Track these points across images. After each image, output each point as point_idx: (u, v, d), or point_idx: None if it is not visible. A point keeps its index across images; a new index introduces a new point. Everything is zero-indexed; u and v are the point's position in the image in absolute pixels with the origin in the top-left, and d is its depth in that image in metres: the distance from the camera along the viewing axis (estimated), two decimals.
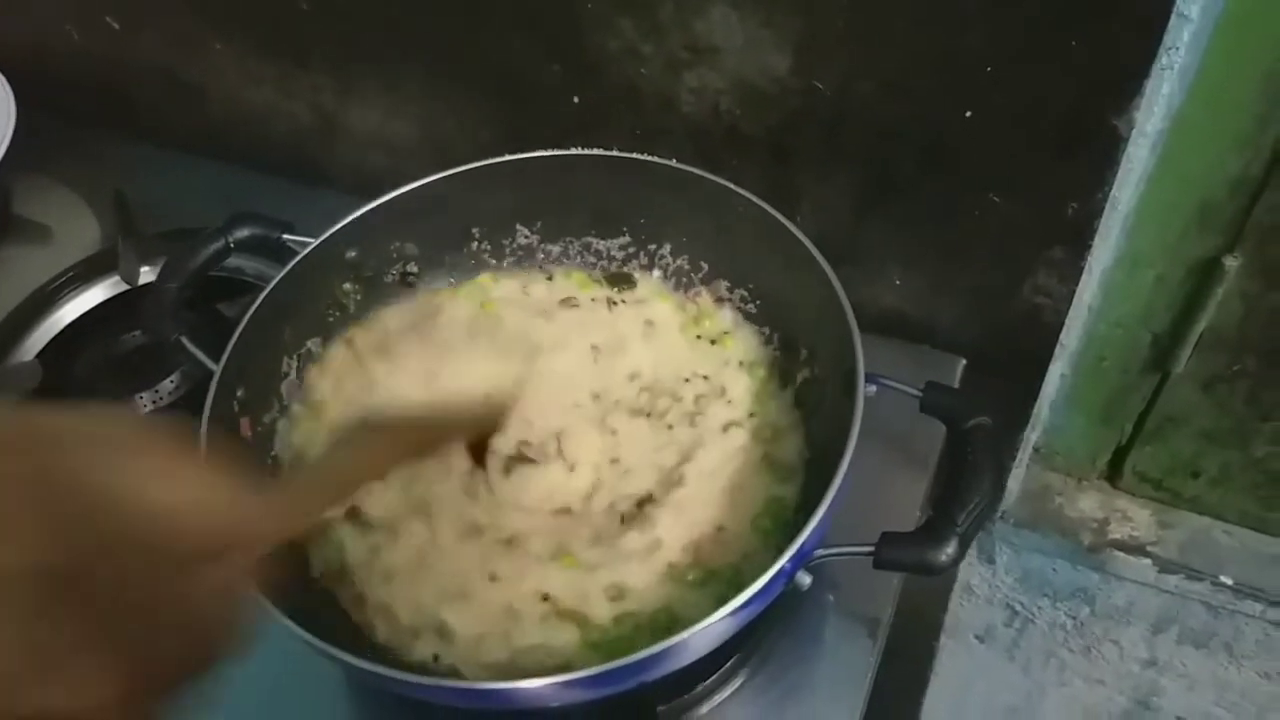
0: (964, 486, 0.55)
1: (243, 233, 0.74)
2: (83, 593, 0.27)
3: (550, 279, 0.80)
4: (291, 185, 0.99)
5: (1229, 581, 0.97)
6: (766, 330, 0.74)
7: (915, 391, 0.61)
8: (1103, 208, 0.68)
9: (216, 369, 0.66)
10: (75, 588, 0.27)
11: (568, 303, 0.77)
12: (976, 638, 1.18)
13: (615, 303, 0.77)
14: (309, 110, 0.98)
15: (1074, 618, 1.09)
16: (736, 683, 0.70)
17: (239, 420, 0.68)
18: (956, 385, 0.81)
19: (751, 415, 0.70)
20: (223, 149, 1.01)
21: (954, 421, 0.59)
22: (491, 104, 0.87)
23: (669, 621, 0.61)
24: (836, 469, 0.56)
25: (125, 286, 0.93)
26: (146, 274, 0.94)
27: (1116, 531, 1.01)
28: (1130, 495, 1.02)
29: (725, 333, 0.75)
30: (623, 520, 0.66)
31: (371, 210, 0.74)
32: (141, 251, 0.94)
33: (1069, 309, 0.75)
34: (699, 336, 0.75)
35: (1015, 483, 0.99)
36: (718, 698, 0.69)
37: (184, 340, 0.69)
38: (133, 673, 0.28)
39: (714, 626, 0.53)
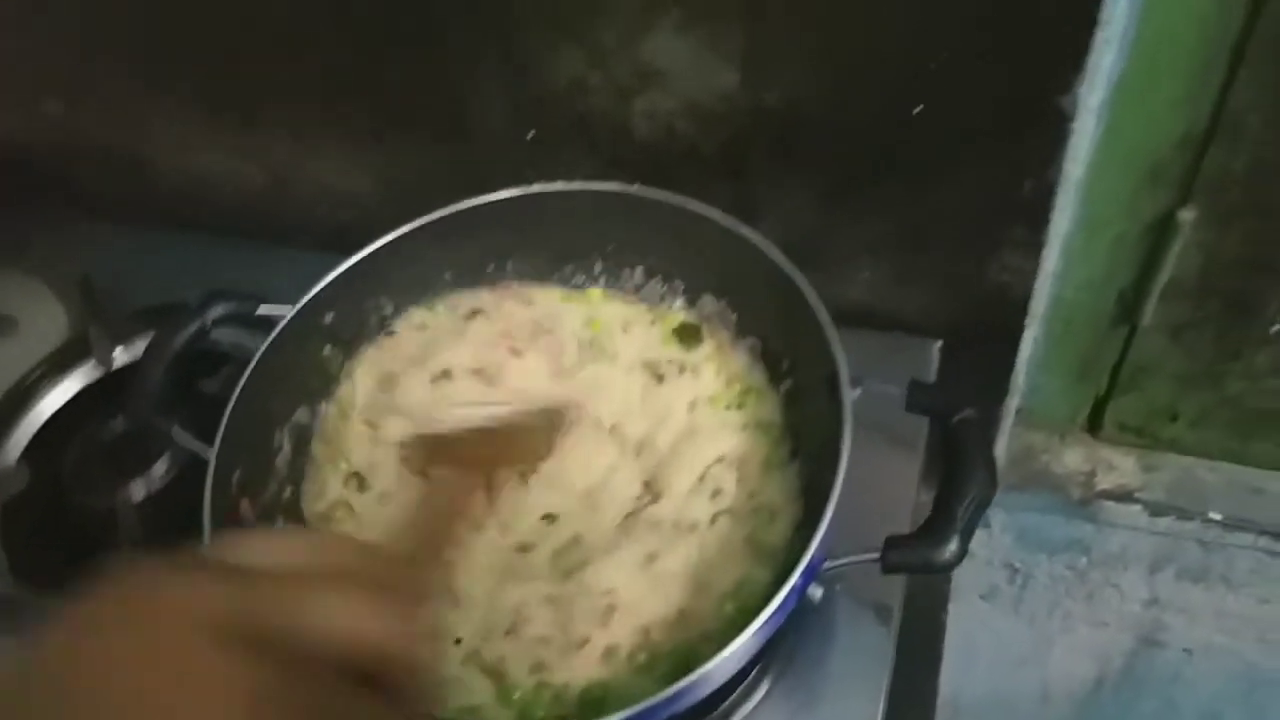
0: (959, 482, 0.57)
1: (218, 310, 0.74)
2: None
3: (652, 323, 0.78)
4: (253, 248, 0.99)
5: (1218, 517, 1.00)
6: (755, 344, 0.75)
7: (899, 391, 0.63)
8: (1057, 183, 0.70)
9: (211, 457, 0.66)
10: None
11: (653, 373, 0.75)
12: (981, 598, 1.21)
13: (684, 369, 0.75)
14: (261, 170, 0.98)
15: (1073, 568, 1.12)
16: (761, 692, 0.71)
17: (239, 501, 0.68)
18: (935, 367, 0.83)
19: (751, 496, 0.67)
20: (181, 219, 1.01)
21: (941, 417, 0.61)
22: (445, 146, 0.88)
23: (601, 695, 0.60)
24: (832, 482, 0.57)
25: (101, 372, 0.93)
26: (120, 356, 0.94)
27: (1104, 482, 1.03)
28: (1113, 445, 1.04)
29: (749, 390, 0.73)
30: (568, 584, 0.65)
31: (345, 271, 0.74)
32: (113, 335, 0.93)
33: (1035, 281, 0.77)
34: (727, 406, 0.73)
35: (1000, 448, 1.01)
36: (745, 709, 0.71)
37: (177, 432, 0.69)
38: None
39: (735, 653, 0.54)
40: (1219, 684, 1.19)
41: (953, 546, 0.55)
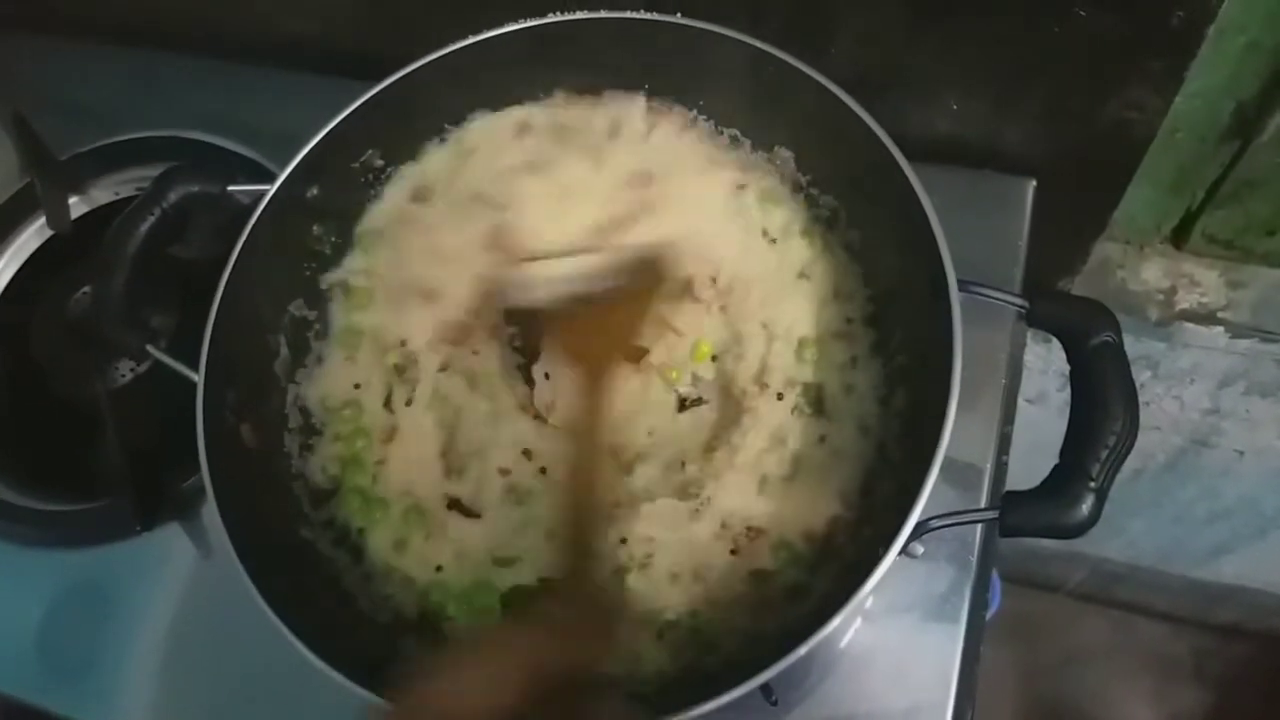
0: (1095, 428, 0.47)
1: (176, 194, 0.61)
2: None
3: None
4: (208, 64, 0.83)
5: None
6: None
7: (1018, 303, 0.52)
8: (1215, 13, 0.55)
9: (199, 378, 0.56)
10: None
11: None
12: (1027, 401, 1.15)
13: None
14: None
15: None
16: None
17: (239, 428, 0.59)
18: (1029, 210, 0.71)
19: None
20: (121, 33, 0.84)
21: (1073, 339, 0.50)
22: None
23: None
24: (939, 433, 0.48)
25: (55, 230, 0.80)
26: (76, 204, 0.81)
27: (1184, 301, 0.94)
28: (1197, 257, 0.94)
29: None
30: None
31: (325, 137, 0.61)
32: (64, 184, 0.80)
33: (1162, 121, 0.64)
34: None
35: None
36: None
37: (153, 350, 0.58)
38: None
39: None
40: (1265, 478, 1.16)
41: (1085, 507, 0.46)
